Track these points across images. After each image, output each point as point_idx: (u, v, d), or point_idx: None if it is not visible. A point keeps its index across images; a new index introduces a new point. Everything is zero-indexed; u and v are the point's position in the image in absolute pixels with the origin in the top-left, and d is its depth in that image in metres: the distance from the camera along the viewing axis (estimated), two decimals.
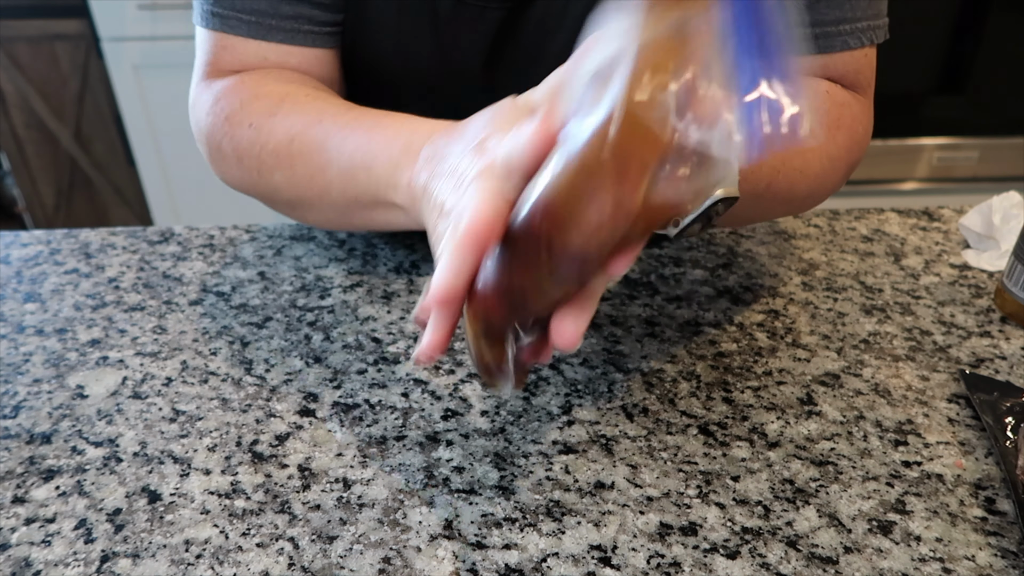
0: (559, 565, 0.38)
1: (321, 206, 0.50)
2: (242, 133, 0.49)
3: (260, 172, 0.50)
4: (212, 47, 0.53)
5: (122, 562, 0.38)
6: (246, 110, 0.50)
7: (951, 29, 1.56)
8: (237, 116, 0.50)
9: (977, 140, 1.66)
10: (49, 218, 1.78)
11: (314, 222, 0.54)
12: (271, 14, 0.51)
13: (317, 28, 0.52)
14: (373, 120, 0.46)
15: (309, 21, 0.51)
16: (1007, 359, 0.53)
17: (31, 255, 0.64)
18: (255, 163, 0.50)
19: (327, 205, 0.49)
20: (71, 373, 0.51)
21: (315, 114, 0.47)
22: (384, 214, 0.47)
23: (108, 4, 1.51)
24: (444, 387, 0.50)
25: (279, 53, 0.52)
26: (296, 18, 0.51)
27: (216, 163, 0.53)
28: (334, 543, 0.39)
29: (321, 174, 0.47)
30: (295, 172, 0.48)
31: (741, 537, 0.40)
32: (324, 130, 0.46)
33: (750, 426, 0.47)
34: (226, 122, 0.50)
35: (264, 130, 0.48)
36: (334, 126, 0.46)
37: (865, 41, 0.52)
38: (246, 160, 0.50)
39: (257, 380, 0.50)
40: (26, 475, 0.43)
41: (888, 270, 0.64)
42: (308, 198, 0.50)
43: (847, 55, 0.53)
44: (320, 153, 0.46)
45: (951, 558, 0.39)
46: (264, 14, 0.50)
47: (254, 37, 0.51)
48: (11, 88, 1.61)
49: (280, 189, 0.50)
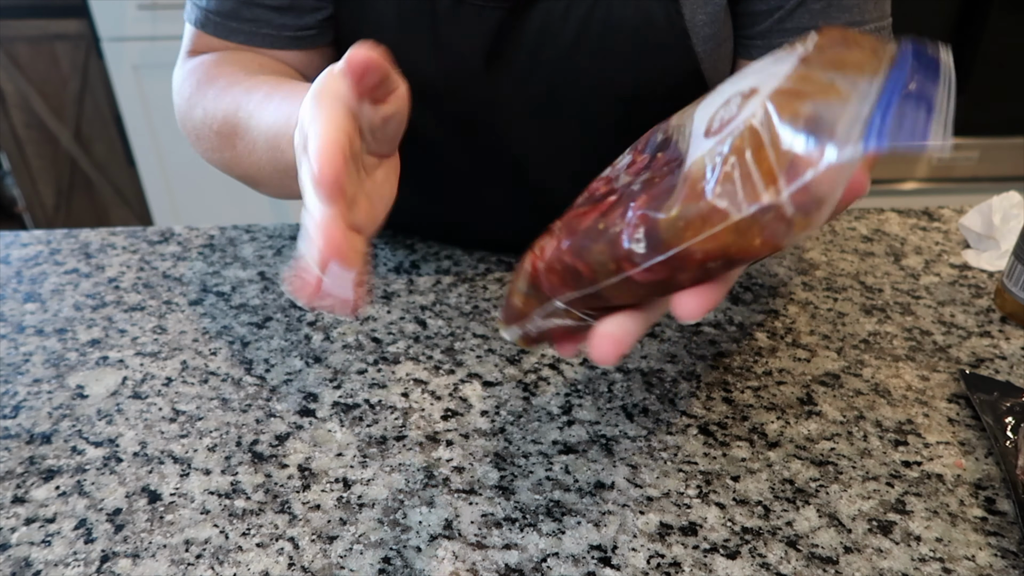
0: (559, 565, 0.38)
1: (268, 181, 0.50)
2: (196, 115, 0.52)
3: (214, 151, 0.52)
4: (191, 37, 0.56)
5: (122, 562, 0.38)
6: (198, 93, 0.52)
7: (951, 29, 1.56)
8: (193, 98, 0.52)
9: (977, 140, 1.66)
10: (49, 218, 1.78)
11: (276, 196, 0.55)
12: (234, 17, 0.53)
13: (275, 32, 0.54)
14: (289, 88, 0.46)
15: (268, 25, 0.54)
16: (1007, 359, 0.53)
17: (31, 255, 0.64)
18: (207, 144, 0.52)
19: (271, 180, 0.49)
20: (71, 373, 0.51)
21: (244, 93, 0.49)
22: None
23: (108, 4, 1.51)
24: (444, 387, 0.50)
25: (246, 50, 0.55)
26: (255, 21, 0.53)
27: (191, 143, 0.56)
28: (334, 543, 0.39)
29: (252, 151, 0.48)
30: (236, 151, 0.50)
31: (741, 537, 0.40)
32: (248, 109, 0.47)
33: (750, 426, 0.47)
34: (186, 103, 0.53)
35: (208, 111, 0.51)
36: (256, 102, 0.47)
37: None
38: (200, 142, 0.53)
39: (257, 380, 0.50)
40: (26, 475, 0.43)
41: (888, 270, 0.64)
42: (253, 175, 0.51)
43: None
44: (247, 131, 0.48)
45: (951, 558, 0.39)
46: (228, 16, 0.53)
47: (220, 36, 0.54)
48: (11, 88, 1.61)
49: (231, 167, 0.52)
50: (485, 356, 0.52)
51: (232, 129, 0.49)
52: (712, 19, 0.51)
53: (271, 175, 0.48)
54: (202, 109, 0.51)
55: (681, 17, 0.51)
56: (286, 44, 0.54)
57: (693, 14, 0.51)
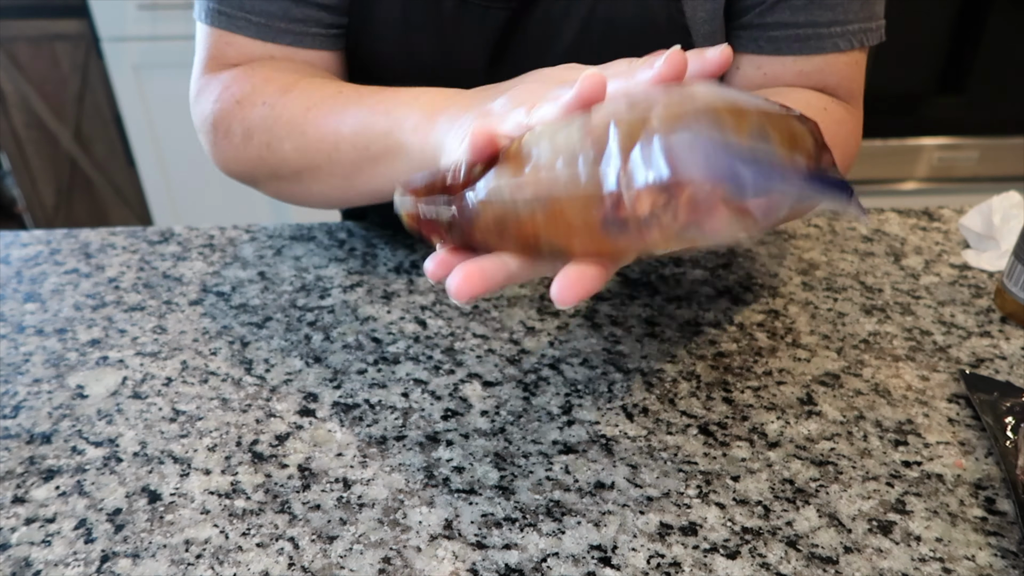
0: (559, 565, 0.38)
1: (329, 168, 0.49)
2: (255, 112, 0.50)
3: (270, 145, 0.50)
4: (215, 42, 0.53)
5: (122, 562, 0.38)
6: (258, 91, 0.50)
7: (951, 29, 1.56)
8: (249, 98, 0.50)
9: (977, 140, 1.66)
10: (49, 218, 1.78)
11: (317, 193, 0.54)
12: (281, 16, 0.51)
13: (324, 31, 0.52)
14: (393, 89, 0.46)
15: (317, 24, 0.52)
16: (1007, 359, 0.53)
17: (31, 255, 0.64)
18: (266, 136, 0.50)
19: (335, 165, 0.48)
20: (71, 373, 0.51)
21: (334, 88, 0.48)
22: (390, 164, 0.46)
23: (108, 4, 1.51)
24: (444, 387, 0.50)
25: (285, 54, 0.53)
26: (305, 21, 0.51)
27: (220, 148, 0.53)
28: (334, 543, 0.39)
29: (335, 131, 0.47)
30: (307, 137, 0.48)
31: (741, 537, 0.40)
32: (345, 97, 0.47)
33: (750, 426, 0.47)
34: (237, 105, 0.50)
35: (278, 105, 0.49)
36: (355, 93, 0.47)
37: (856, 43, 0.52)
38: (256, 135, 0.50)
39: (257, 380, 0.50)
40: (26, 475, 0.43)
41: (888, 270, 0.64)
42: (317, 162, 0.49)
43: (840, 62, 0.53)
44: (338, 114, 0.47)
45: (951, 558, 0.39)
46: (274, 16, 0.51)
47: (263, 39, 0.52)
48: (11, 88, 1.61)
49: (288, 159, 0.50)
50: (485, 356, 0.52)
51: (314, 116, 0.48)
52: (712, 16, 0.52)
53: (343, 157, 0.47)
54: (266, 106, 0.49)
55: (682, 15, 0.51)
56: (330, 44, 0.53)
57: (694, 12, 0.51)
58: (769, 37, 0.52)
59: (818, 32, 0.51)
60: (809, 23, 0.51)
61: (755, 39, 0.53)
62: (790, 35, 0.52)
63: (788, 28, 0.51)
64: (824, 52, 0.52)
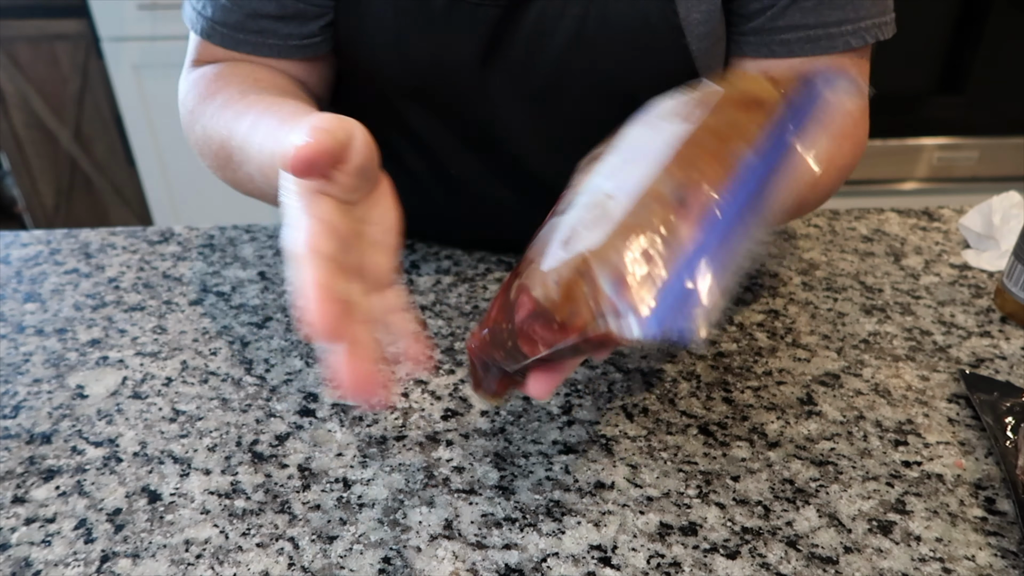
0: (559, 565, 0.38)
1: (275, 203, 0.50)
2: (197, 131, 0.53)
3: (217, 169, 0.53)
4: (196, 46, 0.57)
5: (122, 562, 0.38)
6: (199, 108, 0.52)
7: (951, 29, 1.56)
8: (194, 113, 0.53)
9: (977, 140, 1.66)
10: (49, 218, 1.78)
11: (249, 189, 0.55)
12: (240, 28, 0.53)
13: (282, 42, 0.54)
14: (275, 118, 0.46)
15: (274, 35, 0.54)
16: (1007, 359, 0.53)
17: (31, 255, 0.64)
18: (210, 162, 0.53)
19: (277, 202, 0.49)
20: (71, 373, 0.51)
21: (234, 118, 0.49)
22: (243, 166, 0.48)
23: (108, 4, 1.51)
24: (444, 387, 0.50)
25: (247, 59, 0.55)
26: (261, 32, 0.54)
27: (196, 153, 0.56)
28: (334, 543, 0.39)
29: (251, 180, 0.49)
30: (237, 175, 0.50)
31: (741, 537, 0.40)
32: (239, 139, 0.48)
33: (750, 426, 0.47)
34: (189, 115, 0.54)
35: (207, 131, 0.51)
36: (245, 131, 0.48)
37: (869, 39, 0.52)
38: (205, 158, 0.54)
39: (257, 380, 0.50)
40: (26, 475, 0.43)
41: (888, 270, 0.64)
42: (259, 196, 0.52)
43: (848, 59, 0.53)
44: (241, 162, 0.48)
45: (951, 558, 0.39)
46: (235, 28, 0.53)
47: (226, 47, 0.54)
48: (11, 88, 1.61)
49: (236, 187, 0.53)
50: None
51: (228, 155, 0.49)
52: (707, 17, 0.51)
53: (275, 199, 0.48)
54: (201, 127, 0.52)
55: (676, 16, 0.51)
56: (291, 53, 0.55)
57: (688, 12, 0.51)
58: (781, 40, 0.52)
59: (828, 32, 0.51)
60: (819, 24, 0.51)
61: (766, 44, 0.52)
62: (801, 36, 0.51)
63: (799, 30, 0.51)
64: (836, 51, 0.52)
